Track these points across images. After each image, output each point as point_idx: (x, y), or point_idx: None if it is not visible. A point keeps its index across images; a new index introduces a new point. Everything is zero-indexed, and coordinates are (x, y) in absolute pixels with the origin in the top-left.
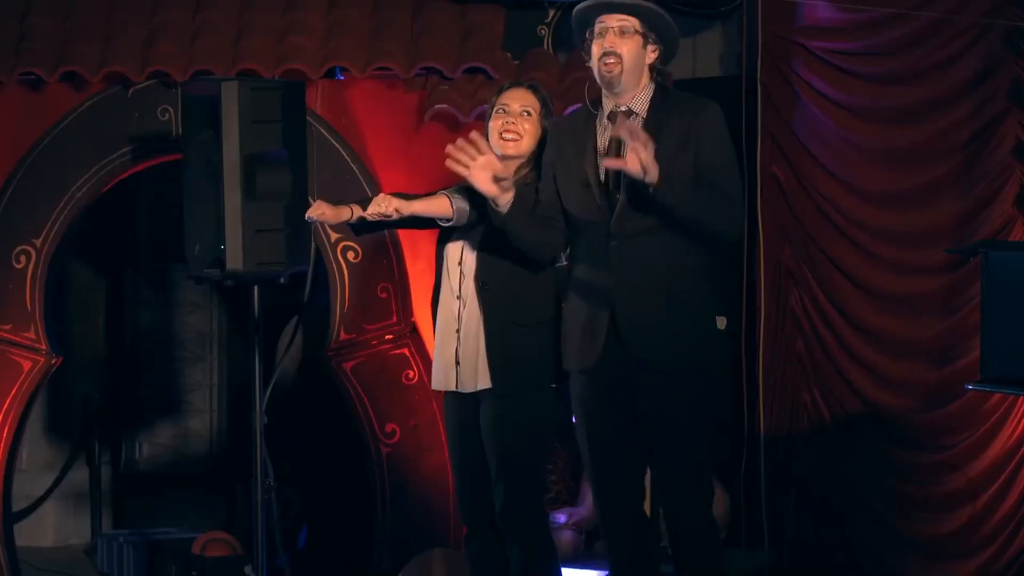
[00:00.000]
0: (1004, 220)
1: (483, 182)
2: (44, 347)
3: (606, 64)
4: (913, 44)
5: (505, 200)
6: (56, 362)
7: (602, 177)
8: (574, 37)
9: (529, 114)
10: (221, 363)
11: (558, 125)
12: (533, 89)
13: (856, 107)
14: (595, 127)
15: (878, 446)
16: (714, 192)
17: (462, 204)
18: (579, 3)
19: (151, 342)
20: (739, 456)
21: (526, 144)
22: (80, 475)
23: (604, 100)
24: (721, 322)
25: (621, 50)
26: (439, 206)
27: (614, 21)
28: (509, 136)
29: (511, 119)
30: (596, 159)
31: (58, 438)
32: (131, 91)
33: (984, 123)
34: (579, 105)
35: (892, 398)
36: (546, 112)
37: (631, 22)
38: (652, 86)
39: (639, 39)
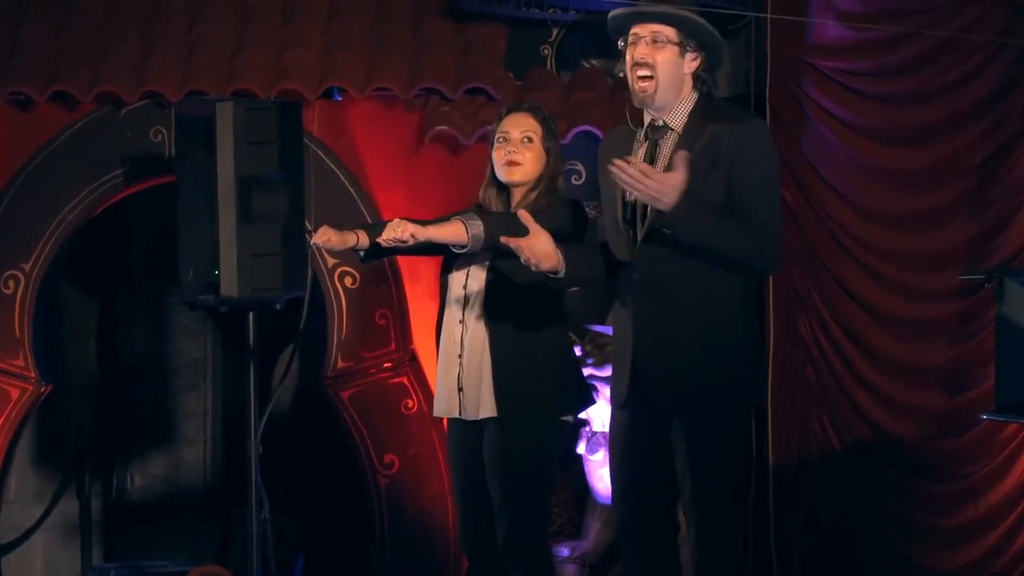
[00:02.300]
0: (1020, 244)
1: (545, 266)
2: (33, 375)
3: (639, 80)
4: (925, 63)
5: (559, 264)
6: (45, 390)
7: (629, 199)
8: (612, 39)
9: (530, 140)
10: (215, 391)
11: (604, 141)
12: (533, 112)
13: (867, 127)
14: (631, 145)
15: (889, 474)
16: (744, 220)
17: (477, 230)
18: (587, 21)
19: (144, 369)
20: (747, 482)
21: (530, 170)
22: (70, 506)
23: (644, 112)
24: None
25: (655, 60)
26: (454, 232)
27: (647, 31)
28: (512, 165)
29: (512, 147)
30: None
31: (47, 468)
32: (124, 111)
33: (999, 144)
34: (583, 127)
35: (903, 426)
36: (548, 133)
37: (666, 31)
38: (694, 96)
39: (675, 49)
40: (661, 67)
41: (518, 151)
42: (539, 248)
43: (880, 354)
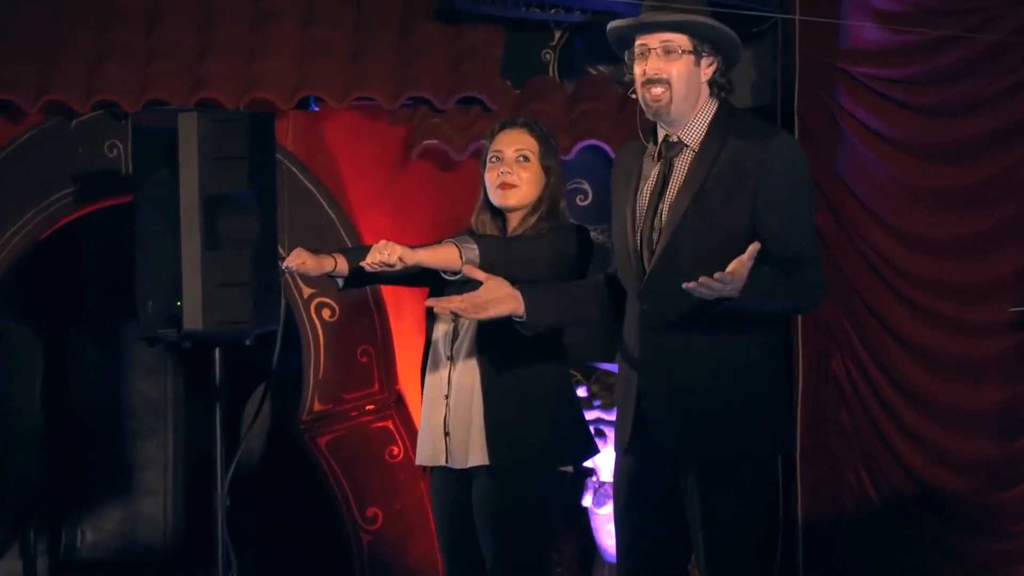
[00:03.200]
0: None
1: (496, 310)
2: None
3: (651, 93)
4: (972, 70)
5: (519, 307)
6: None
7: (639, 223)
8: (614, 50)
9: (527, 159)
10: (177, 436)
11: (617, 159)
12: (528, 128)
13: (907, 142)
14: (642, 160)
15: (932, 531)
16: (787, 263)
17: (472, 255)
18: (593, 22)
19: (97, 412)
20: (774, 539)
21: (527, 192)
22: (13, 566)
23: (658, 126)
24: None
25: (668, 74)
26: (446, 256)
27: (656, 41)
28: (507, 188)
29: (506, 167)
30: (636, 201)
31: None
32: (74, 123)
33: None
34: (589, 141)
35: (949, 477)
36: (547, 151)
37: (677, 40)
38: (713, 104)
39: (689, 58)
40: (677, 80)
41: (513, 172)
42: (480, 298)
43: (922, 395)
